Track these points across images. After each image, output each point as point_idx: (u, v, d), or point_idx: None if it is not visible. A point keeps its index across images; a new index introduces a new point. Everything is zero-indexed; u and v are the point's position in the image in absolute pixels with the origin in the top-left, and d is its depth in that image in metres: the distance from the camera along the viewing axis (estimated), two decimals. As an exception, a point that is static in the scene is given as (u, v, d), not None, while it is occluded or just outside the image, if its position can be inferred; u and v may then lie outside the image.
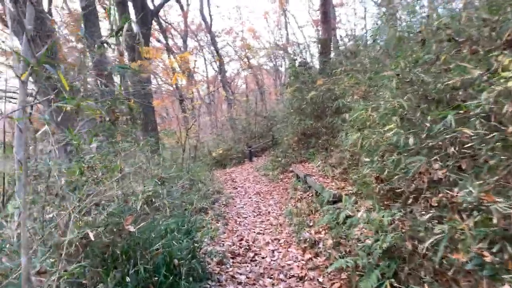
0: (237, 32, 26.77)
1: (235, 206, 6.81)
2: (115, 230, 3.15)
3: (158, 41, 24.45)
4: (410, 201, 3.30)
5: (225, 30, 27.09)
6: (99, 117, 4.04)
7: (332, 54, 12.86)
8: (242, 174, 11.06)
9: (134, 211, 3.21)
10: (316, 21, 22.98)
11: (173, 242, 3.33)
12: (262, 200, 7.15)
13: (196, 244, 3.81)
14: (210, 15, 23.02)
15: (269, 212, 6.25)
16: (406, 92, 3.83)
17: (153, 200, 3.61)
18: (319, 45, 12.89)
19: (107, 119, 3.75)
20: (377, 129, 3.88)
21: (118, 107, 3.85)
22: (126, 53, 11.86)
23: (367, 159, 3.92)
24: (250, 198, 7.45)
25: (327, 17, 12.51)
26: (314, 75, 10.84)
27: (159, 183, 3.58)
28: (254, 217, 6.06)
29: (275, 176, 9.14)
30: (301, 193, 6.92)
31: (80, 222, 2.79)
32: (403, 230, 3.14)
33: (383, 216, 3.27)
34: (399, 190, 3.38)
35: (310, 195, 6.63)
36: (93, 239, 2.61)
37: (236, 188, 8.53)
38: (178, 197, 5.44)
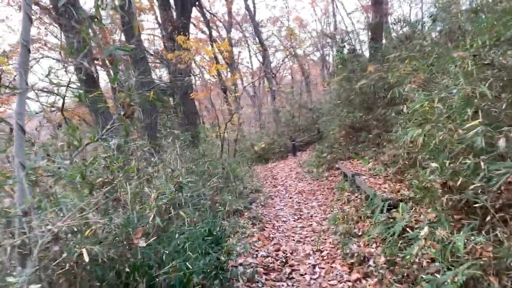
0: (283, 21, 26.04)
1: (274, 208, 6.23)
2: (125, 243, 2.71)
3: (203, 32, 24.34)
4: (490, 219, 2.53)
5: (270, 20, 26.41)
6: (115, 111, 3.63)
7: (384, 41, 11.80)
8: (284, 170, 10.45)
9: (146, 222, 2.74)
10: (366, 7, 21.57)
11: (193, 258, 2.83)
12: (304, 201, 6.50)
13: (222, 258, 3.29)
14: (254, 4, 22.40)
15: (311, 216, 5.61)
16: (483, 78, 3.01)
17: (171, 208, 3.12)
18: (370, 31, 11.90)
19: (122, 113, 3.30)
20: (445, 124, 3.10)
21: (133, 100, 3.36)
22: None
23: (434, 164, 3.11)
24: (291, 198, 6.84)
25: (378, 0, 11.49)
26: (364, 62, 9.92)
27: (175, 189, 3.06)
28: (294, 221, 5.45)
29: (319, 173, 8.44)
30: (349, 194, 6.20)
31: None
32: (484, 259, 2.39)
33: (456, 238, 2.53)
34: (477, 205, 2.60)
35: (358, 197, 5.89)
36: (87, 259, 2.16)
37: (276, 186, 7.94)
38: (207, 199, 4.97)
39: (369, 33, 11.92)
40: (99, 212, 2.66)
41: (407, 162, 5.52)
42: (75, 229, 2.34)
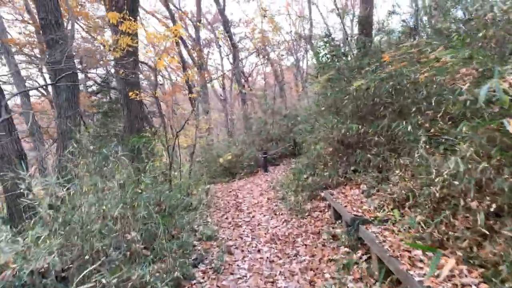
0: (256, 24, 24.08)
1: (231, 274, 3.91)
2: None
3: (168, 27, 21.97)
4: None
5: (243, 21, 24.53)
6: None
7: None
8: (252, 193, 8.17)
9: None
10: (344, 6, 20.01)
11: None
12: (280, 259, 4.23)
13: None
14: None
15: (292, 299, 3.35)
16: None
17: None
18: (358, 24, 9.94)
19: None
20: None
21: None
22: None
23: None
24: (259, 251, 4.51)
25: (367, -9, 9.69)
26: (355, 59, 7.86)
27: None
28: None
29: (299, 204, 6.21)
30: (347, 251, 4.02)
31: None
32: None
33: None
34: None
35: (363, 258, 3.73)
36: None
37: (240, 226, 5.60)
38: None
39: (358, 27, 9.95)
40: None
41: (449, 205, 3.41)
42: None
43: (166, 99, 21.01)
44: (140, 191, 4.53)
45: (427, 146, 4.20)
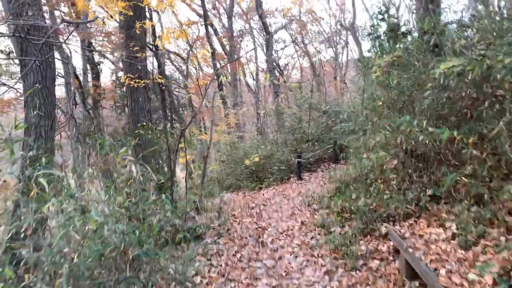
0: (294, 14, 22.15)
1: None
2: None
3: (199, 15, 20.58)
4: None
5: (279, 9, 22.65)
6: None
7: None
8: (281, 212, 6.26)
9: None
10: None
11: None
12: None
13: None
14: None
15: None
16: None
17: None
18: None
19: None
20: None
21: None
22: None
23: None
24: None
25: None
26: (428, 37, 5.74)
27: None
28: None
29: (347, 242, 4.25)
30: None
31: None
32: None
33: None
34: None
35: None
36: None
37: (259, 279, 3.67)
38: None
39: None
40: None
41: None
42: None
43: (195, 90, 19.40)
44: (93, 228, 2.78)
45: None
